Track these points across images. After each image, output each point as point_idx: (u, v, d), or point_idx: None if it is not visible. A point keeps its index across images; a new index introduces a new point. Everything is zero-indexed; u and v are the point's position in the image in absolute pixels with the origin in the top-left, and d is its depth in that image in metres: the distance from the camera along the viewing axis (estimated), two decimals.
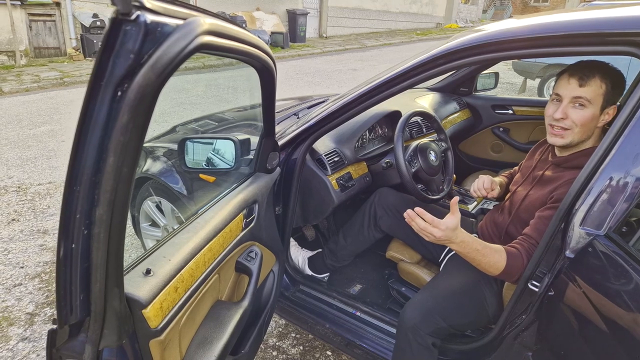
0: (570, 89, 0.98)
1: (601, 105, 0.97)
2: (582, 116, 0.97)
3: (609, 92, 0.96)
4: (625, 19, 0.76)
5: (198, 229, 0.84)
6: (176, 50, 0.44)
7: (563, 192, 0.97)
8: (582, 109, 0.97)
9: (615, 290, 0.70)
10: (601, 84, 0.96)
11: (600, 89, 0.96)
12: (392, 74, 1.03)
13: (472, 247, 0.96)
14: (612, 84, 0.96)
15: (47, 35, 6.80)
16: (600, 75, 0.96)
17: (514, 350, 0.97)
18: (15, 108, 4.57)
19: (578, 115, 0.98)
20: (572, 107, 0.98)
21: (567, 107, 0.98)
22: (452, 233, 0.94)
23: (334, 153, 1.42)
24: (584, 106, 0.97)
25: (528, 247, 0.97)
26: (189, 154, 1.16)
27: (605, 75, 0.96)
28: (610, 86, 0.96)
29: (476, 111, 2.21)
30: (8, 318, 1.69)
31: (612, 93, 0.97)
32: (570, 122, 0.99)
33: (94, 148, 0.45)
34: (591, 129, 1.00)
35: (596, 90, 0.96)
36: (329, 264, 1.50)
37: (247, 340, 1.06)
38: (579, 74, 0.97)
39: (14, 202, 2.61)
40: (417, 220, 0.96)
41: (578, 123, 0.98)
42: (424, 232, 0.96)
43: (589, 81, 0.96)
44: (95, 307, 0.56)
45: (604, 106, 0.97)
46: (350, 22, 11.39)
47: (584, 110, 0.97)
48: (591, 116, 0.97)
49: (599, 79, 0.96)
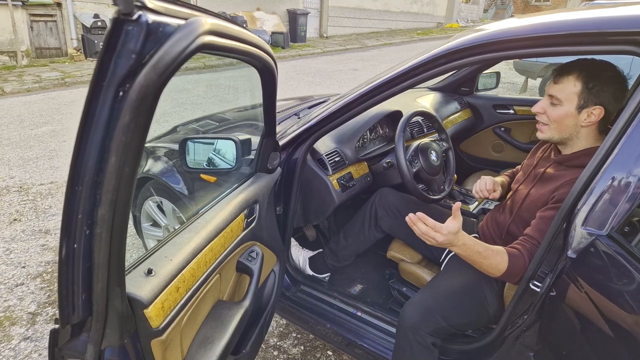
0: (549, 86, 1.01)
1: (577, 104, 0.96)
2: (555, 113, 1.00)
3: (585, 92, 0.95)
4: (626, 18, 0.76)
5: (199, 229, 0.84)
6: (178, 50, 0.44)
7: (564, 192, 0.96)
8: (555, 106, 1.00)
9: (617, 291, 0.70)
10: (575, 83, 0.96)
11: (574, 88, 0.96)
12: (393, 74, 1.03)
13: (473, 249, 0.96)
14: (591, 84, 0.94)
15: (48, 36, 6.81)
16: (576, 74, 0.96)
17: (516, 351, 0.96)
18: (17, 108, 4.58)
19: (551, 111, 1.01)
20: (550, 104, 1.01)
21: (545, 102, 1.02)
22: (454, 237, 0.94)
23: (335, 153, 1.42)
24: (556, 104, 0.99)
25: (530, 247, 0.97)
26: (190, 154, 1.16)
27: (583, 75, 0.95)
28: (588, 86, 0.95)
29: (477, 111, 2.21)
30: (10, 317, 1.69)
31: (591, 93, 0.95)
32: (545, 118, 1.02)
33: (95, 148, 0.45)
34: (570, 127, 1.00)
35: (569, 88, 0.96)
36: (330, 264, 1.50)
37: (248, 340, 1.06)
38: (557, 72, 0.99)
39: (15, 202, 2.62)
40: (419, 224, 0.96)
41: (552, 119, 1.01)
42: (425, 236, 0.95)
43: (562, 79, 0.98)
44: (97, 306, 0.56)
45: (582, 105, 0.96)
46: (350, 22, 11.39)
47: (556, 108, 1.00)
48: (564, 114, 0.98)
49: (574, 78, 0.96)
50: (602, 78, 0.95)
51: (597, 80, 0.95)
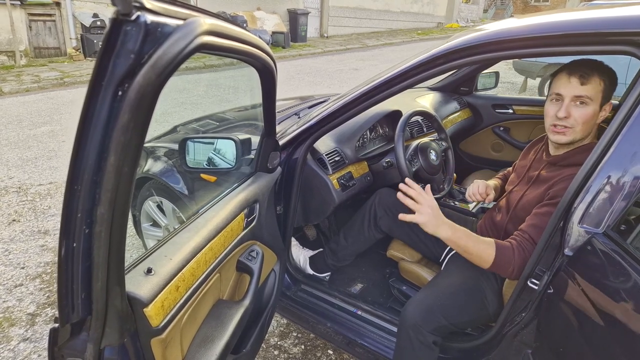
0: (571, 88, 0.99)
1: (600, 102, 0.99)
2: (585, 114, 0.99)
3: (606, 89, 0.98)
4: (624, 18, 0.76)
5: (199, 228, 0.84)
6: (176, 50, 0.44)
7: (559, 188, 0.98)
8: (584, 106, 0.99)
9: (613, 288, 0.71)
10: (600, 81, 0.98)
11: (599, 86, 0.98)
12: (393, 74, 1.03)
13: (462, 232, 1.00)
14: (609, 80, 0.98)
15: (47, 35, 6.80)
16: (598, 73, 0.98)
17: (514, 348, 0.97)
18: (16, 108, 4.58)
19: (580, 113, 0.99)
20: (574, 106, 0.99)
21: (569, 105, 0.99)
22: (438, 211, 1.01)
23: (335, 152, 1.42)
24: (586, 104, 0.98)
25: (521, 240, 0.99)
26: (190, 153, 1.16)
27: (603, 73, 0.98)
28: (608, 83, 0.98)
29: (477, 110, 2.21)
30: (9, 318, 1.69)
31: (609, 90, 0.99)
32: (572, 121, 1.00)
33: (95, 147, 0.46)
34: (592, 126, 1.01)
35: (596, 87, 0.98)
36: (330, 263, 1.50)
37: (248, 339, 1.07)
38: (579, 72, 0.98)
39: (14, 202, 2.62)
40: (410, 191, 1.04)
41: (580, 121, 0.99)
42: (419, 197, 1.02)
43: (589, 79, 0.97)
44: (96, 305, 0.56)
45: (602, 103, 0.99)
46: (351, 21, 11.39)
47: (585, 108, 0.98)
48: (592, 113, 0.99)
49: (598, 77, 0.98)
50: (613, 75, 0.99)
51: (611, 78, 0.99)
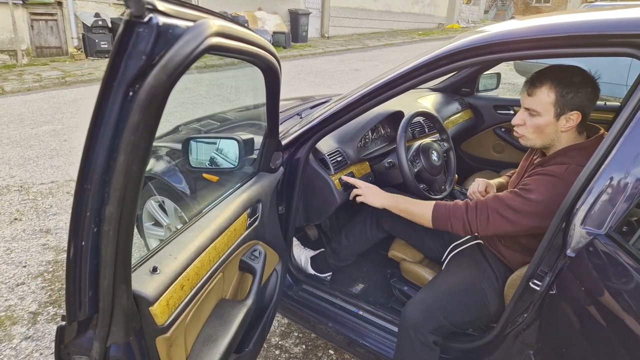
0: (523, 99, 1.04)
1: (555, 113, 0.98)
2: (534, 123, 1.02)
3: (560, 100, 0.97)
4: (625, 20, 0.77)
5: (203, 228, 0.85)
6: (187, 52, 0.45)
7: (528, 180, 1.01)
8: (534, 117, 1.02)
9: (615, 290, 0.71)
10: (549, 93, 0.97)
11: (548, 98, 0.98)
12: (395, 75, 1.04)
13: (402, 198, 1.20)
14: (565, 91, 0.96)
15: (48, 35, 6.81)
16: (549, 84, 0.97)
17: (516, 349, 0.97)
18: (17, 107, 4.58)
19: (531, 122, 1.03)
20: (528, 115, 1.03)
21: (523, 114, 1.04)
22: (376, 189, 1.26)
23: (337, 153, 1.43)
24: (534, 115, 1.01)
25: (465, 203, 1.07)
26: (193, 153, 1.17)
27: (555, 84, 0.97)
28: (562, 94, 0.96)
29: (478, 111, 2.22)
30: (11, 317, 1.70)
31: (566, 100, 0.96)
32: (524, 129, 1.04)
33: (105, 147, 0.46)
34: (551, 134, 1.02)
35: (543, 99, 0.98)
36: (332, 263, 1.51)
37: (250, 339, 1.07)
38: (528, 85, 1.02)
39: (16, 201, 2.62)
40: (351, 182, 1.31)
41: (531, 130, 1.03)
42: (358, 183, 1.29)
43: (535, 91, 0.99)
44: (103, 303, 0.57)
45: (560, 113, 0.98)
46: (352, 22, 11.40)
47: (535, 118, 1.02)
48: (544, 124, 1.00)
49: (547, 89, 0.97)
50: (573, 84, 0.96)
51: (569, 87, 0.96)
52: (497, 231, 1.03)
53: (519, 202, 0.98)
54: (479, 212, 1.03)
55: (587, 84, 0.97)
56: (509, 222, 0.99)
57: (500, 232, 1.03)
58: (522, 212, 0.97)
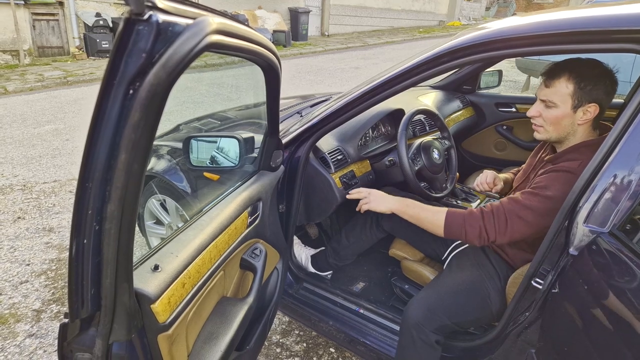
0: (540, 89, 1.02)
1: (572, 105, 0.98)
2: (551, 115, 1.01)
3: (578, 92, 0.96)
4: (629, 16, 0.76)
5: (204, 226, 0.85)
6: (186, 50, 0.45)
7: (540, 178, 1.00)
8: (550, 109, 1.01)
9: (619, 288, 0.71)
10: (567, 85, 0.97)
11: (566, 89, 0.97)
12: (395, 72, 1.03)
13: (411, 202, 1.14)
14: (583, 83, 0.96)
15: (50, 35, 6.82)
16: (567, 76, 0.97)
17: (517, 347, 0.97)
18: (20, 107, 4.60)
19: (547, 114, 1.02)
20: (544, 107, 1.02)
21: (539, 105, 1.03)
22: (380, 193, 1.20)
23: (337, 151, 1.42)
24: (551, 107, 1.00)
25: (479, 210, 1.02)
26: (193, 152, 1.17)
27: (574, 76, 0.96)
28: (580, 85, 0.96)
29: (479, 109, 2.21)
30: (15, 315, 1.71)
31: (584, 92, 0.96)
32: (541, 120, 1.03)
33: (106, 145, 0.46)
34: (567, 127, 1.01)
35: (561, 90, 0.97)
36: (332, 262, 1.51)
37: (251, 337, 1.07)
38: (547, 75, 1.00)
39: (19, 200, 2.63)
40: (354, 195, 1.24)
41: (548, 122, 1.02)
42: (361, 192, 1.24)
43: (553, 82, 0.98)
44: (105, 301, 0.57)
45: (577, 105, 0.97)
46: (352, 20, 11.36)
47: (552, 110, 1.00)
48: (561, 115, 0.99)
49: (565, 80, 0.97)
50: (592, 76, 0.96)
51: (588, 79, 0.96)
52: (515, 237, 0.99)
53: (536, 201, 0.96)
54: (496, 218, 0.99)
55: (605, 76, 0.97)
56: (528, 225, 0.97)
57: (518, 237, 0.99)
58: (541, 212, 0.95)
